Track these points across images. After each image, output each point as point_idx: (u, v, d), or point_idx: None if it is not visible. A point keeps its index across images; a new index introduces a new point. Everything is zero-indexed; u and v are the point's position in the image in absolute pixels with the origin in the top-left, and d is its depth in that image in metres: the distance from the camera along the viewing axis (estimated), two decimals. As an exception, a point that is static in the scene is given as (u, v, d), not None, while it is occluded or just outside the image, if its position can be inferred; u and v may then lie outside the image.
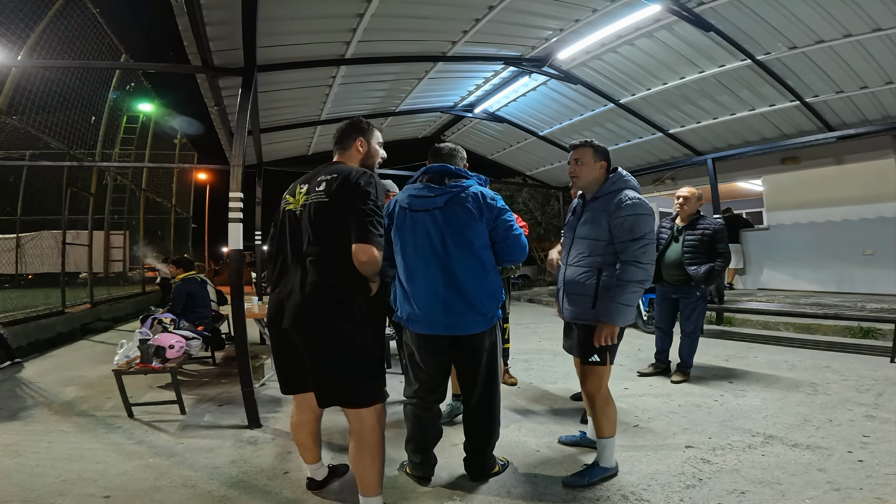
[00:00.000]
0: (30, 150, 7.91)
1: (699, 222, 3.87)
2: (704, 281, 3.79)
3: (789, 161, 8.41)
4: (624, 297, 2.18)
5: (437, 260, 2.17)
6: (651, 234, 2.22)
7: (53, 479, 2.40)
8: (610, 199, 2.28)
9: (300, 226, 1.94)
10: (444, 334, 2.17)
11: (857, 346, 4.93)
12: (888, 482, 2.14)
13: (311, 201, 1.93)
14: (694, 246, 3.83)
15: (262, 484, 2.34)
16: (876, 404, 3.18)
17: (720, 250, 3.81)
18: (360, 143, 2.12)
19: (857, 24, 4.56)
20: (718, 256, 3.81)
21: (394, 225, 2.28)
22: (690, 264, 3.82)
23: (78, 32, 7.20)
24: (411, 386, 2.34)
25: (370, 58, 5.04)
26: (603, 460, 2.30)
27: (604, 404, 2.31)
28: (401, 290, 2.25)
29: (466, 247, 2.18)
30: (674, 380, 3.90)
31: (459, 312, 2.15)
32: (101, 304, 8.80)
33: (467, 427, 2.33)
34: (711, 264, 3.78)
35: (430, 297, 2.16)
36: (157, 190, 12.90)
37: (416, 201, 2.25)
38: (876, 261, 7.37)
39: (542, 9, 4.64)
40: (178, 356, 3.67)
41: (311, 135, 7.66)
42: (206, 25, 3.51)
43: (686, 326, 3.99)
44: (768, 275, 8.84)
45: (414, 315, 2.18)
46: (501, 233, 2.22)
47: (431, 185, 2.27)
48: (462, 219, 2.18)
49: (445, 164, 2.33)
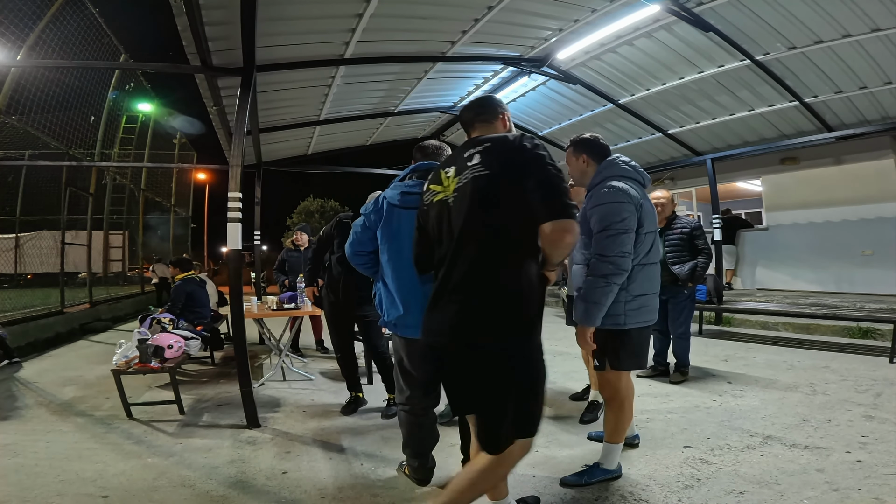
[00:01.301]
0: (29, 150, 7.91)
1: (674, 222, 3.95)
2: (690, 279, 3.84)
3: (788, 161, 8.41)
4: (591, 294, 2.02)
5: None
6: (621, 223, 2.03)
7: (52, 479, 2.39)
8: (593, 193, 2.22)
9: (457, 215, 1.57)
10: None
11: (856, 347, 4.94)
12: (887, 482, 2.14)
13: (466, 180, 1.55)
14: (675, 245, 3.90)
15: (261, 484, 2.34)
16: (874, 404, 3.18)
17: (701, 247, 3.87)
18: (506, 118, 1.79)
19: (857, 24, 4.56)
20: (700, 253, 3.87)
21: (381, 223, 2.20)
22: (674, 263, 3.87)
23: (77, 32, 7.20)
24: (403, 393, 2.27)
25: (369, 58, 5.05)
26: (606, 462, 2.28)
27: (617, 410, 2.27)
28: (387, 293, 2.19)
29: None
30: (673, 380, 3.91)
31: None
32: (100, 304, 8.80)
33: (465, 433, 2.29)
34: (695, 262, 3.85)
35: (420, 298, 2.08)
36: (157, 190, 12.90)
37: (409, 198, 2.17)
38: (875, 261, 7.37)
39: (542, 9, 4.64)
40: (177, 356, 3.66)
41: (310, 135, 7.66)
42: (205, 25, 3.51)
43: (676, 328, 4.00)
44: (767, 275, 8.84)
45: (402, 319, 2.12)
46: None
47: (421, 182, 2.18)
48: None
49: (435, 163, 2.31)
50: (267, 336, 4.79)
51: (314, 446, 2.81)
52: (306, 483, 2.33)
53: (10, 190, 9.07)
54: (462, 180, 1.56)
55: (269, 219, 8.42)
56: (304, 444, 2.84)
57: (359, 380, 3.56)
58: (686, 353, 4.00)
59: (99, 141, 9.08)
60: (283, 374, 4.43)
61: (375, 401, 3.57)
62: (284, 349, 4.48)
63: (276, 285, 6.26)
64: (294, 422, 3.24)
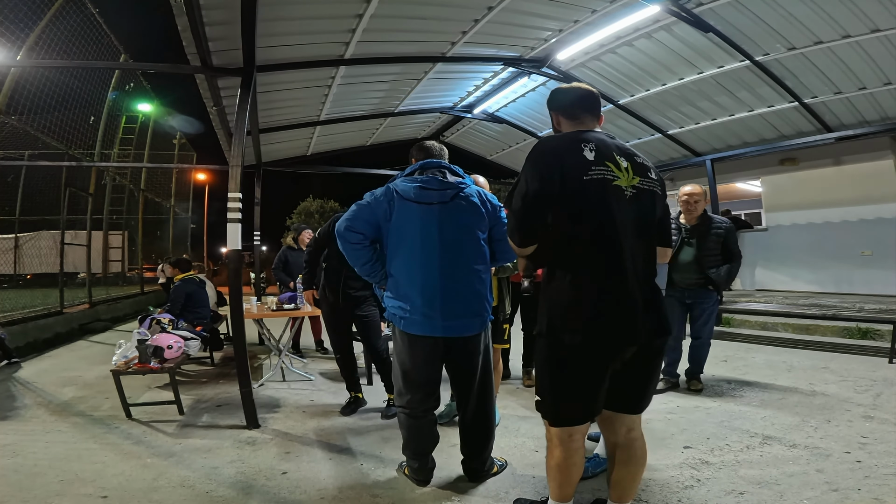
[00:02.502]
0: (28, 150, 7.91)
1: (711, 223, 3.60)
2: (726, 283, 3.58)
3: (788, 162, 8.42)
4: None
5: (443, 254, 2.11)
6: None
7: (51, 479, 2.39)
8: None
9: (630, 210, 1.60)
10: (441, 336, 2.13)
11: (855, 347, 4.94)
12: (886, 482, 2.14)
13: (646, 188, 1.65)
14: (710, 248, 3.57)
15: (261, 484, 2.33)
16: (874, 405, 3.18)
17: (733, 249, 3.59)
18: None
19: (856, 25, 4.56)
20: (732, 256, 3.58)
21: (392, 215, 2.14)
22: (710, 267, 3.56)
23: (77, 32, 7.20)
24: (403, 395, 2.25)
25: (369, 58, 5.04)
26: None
27: None
28: (396, 287, 2.17)
29: (473, 243, 2.16)
30: (694, 388, 3.69)
31: (457, 313, 2.12)
32: (100, 304, 8.80)
33: (465, 435, 2.29)
34: (729, 265, 3.57)
35: (429, 293, 2.10)
36: (156, 190, 12.90)
37: (424, 193, 2.15)
38: (874, 261, 7.37)
39: (541, 9, 4.64)
40: (177, 356, 3.66)
41: (310, 135, 7.65)
42: (205, 25, 3.51)
43: (702, 332, 3.70)
44: (767, 276, 8.85)
45: (408, 315, 2.11)
46: (501, 230, 2.21)
47: (436, 179, 2.20)
48: (469, 215, 2.17)
49: (443, 161, 2.31)
50: (266, 336, 4.78)
51: (314, 446, 2.81)
52: (306, 483, 2.32)
53: (10, 190, 9.06)
54: (643, 184, 1.64)
55: (270, 220, 8.46)
56: (304, 445, 2.84)
57: (358, 380, 3.56)
58: (705, 358, 3.73)
59: (98, 141, 9.08)
60: (283, 375, 4.43)
61: (375, 401, 3.57)
62: (284, 349, 4.48)
63: (275, 286, 6.23)
64: (294, 422, 3.24)
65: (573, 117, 1.76)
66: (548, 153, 1.61)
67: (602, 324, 1.52)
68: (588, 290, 1.54)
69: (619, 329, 1.53)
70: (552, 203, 1.56)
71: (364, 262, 2.22)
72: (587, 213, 1.55)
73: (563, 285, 1.57)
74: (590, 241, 1.55)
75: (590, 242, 1.55)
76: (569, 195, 1.54)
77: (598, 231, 1.55)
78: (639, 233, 1.60)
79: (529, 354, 4.04)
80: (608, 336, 1.53)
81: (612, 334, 1.53)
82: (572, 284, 1.55)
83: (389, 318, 2.21)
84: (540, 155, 1.61)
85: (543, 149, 1.64)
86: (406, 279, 2.14)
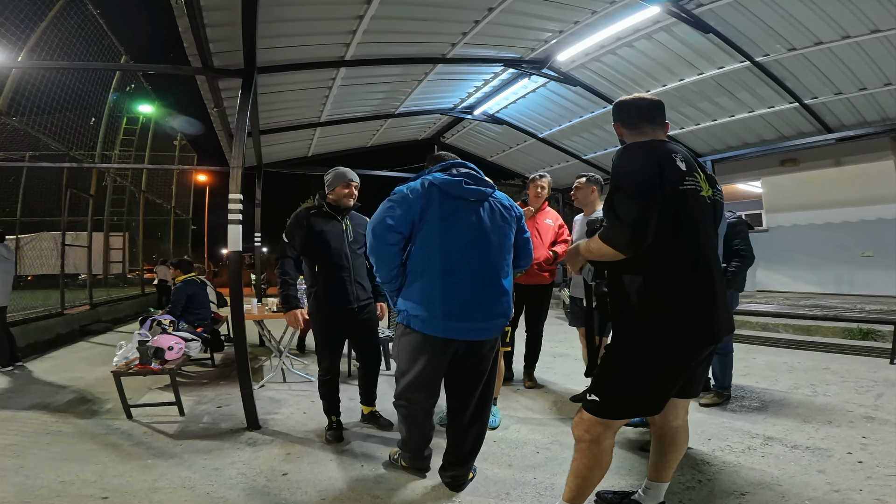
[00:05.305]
0: (29, 151, 7.92)
1: None
2: (733, 283, 3.21)
3: (788, 163, 8.42)
4: None
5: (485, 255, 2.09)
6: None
7: (52, 480, 2.39)
8: None
9: (708, 218, 1.71)
10: (462, 339, 2.07)
11: (856, 348, 4.93)
12: (888, 483, 2.14)
13: (718, 199, 1.78)
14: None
15: (261, 485, 2.33)
16: (875, 405, 3.18)
17: (736, 247, 3.18)
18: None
19: (856, 25, 4.57)
20: (735, 256, 3.18)
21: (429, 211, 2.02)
22: None
23: (78, 34, 7.21)
24: (409, 391, 2.18)
25: (370, 60, 5.05)
26: None
27: None
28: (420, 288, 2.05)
29: (507, 245, 2.19)
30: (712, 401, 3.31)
31: (485, 315, 2.08)
32: (101, 305, 8.81)
33: (458, 438, 2.24)
34: (738, 263, 3.19)
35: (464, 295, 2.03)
36: (157, 191, 12.91)
37: (466, 190, 2.08)
38: (875, 262, 7.38)
39: (542, 11, 4.64)
40: (177, 357, 3.66)
41: (310, 136, 7.66)
42: (206, 27, 3.51)
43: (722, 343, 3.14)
44: (767, 276, 8.84)
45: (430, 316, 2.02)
46: (523, 237, 2.28)
47: (474, 175, 2.18)
48: (503, 218, 2.19)
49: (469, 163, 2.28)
50: (267, 338, 4.78)
51: (315, 448, 2.80)
52: (307, 485, 2.32)
53: (11, 191, 9.08)
54: (714, 194, 1.76)
55: (270, 219, 8.45)
56: (305, 446, 2.83)
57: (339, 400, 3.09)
58: (730, 370, 3.36)
59: (99, 142, 9.09)
60: (284, 376, 4.43)
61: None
62: (284, 351, 4.48)
63: (276, 287, 6.22)
64: (294, 423, 3.24)
65: (652, 122, 1.79)
66: (651, 161, 1.63)
67: (702, 324, 1.63)
68: (689, 292, 1.62)
69: (714, 329, 1.65)
70: (661, 207, 1.57)
71: (393, 267, 2.08)
72: (686, 222, 1.63)
73: (664, 288, 1.63)
74: (688, 246, 1.65)
75: (689, 248, 1.65)
76: (669, 202, 1.59)
77: (694, 237, 1.65)
78: (714, 240, 1.75)
79: (531, 357, 4.08)
80: (704, 335, 1.65)
81: (708, 333, 1.65)
82: (674, 287, 1.63)
83: (403, 319, 2.11)
84: (645, 162, 1.63)
85: (646, 157, 1.64)
86: (438, 280, 2.03)
